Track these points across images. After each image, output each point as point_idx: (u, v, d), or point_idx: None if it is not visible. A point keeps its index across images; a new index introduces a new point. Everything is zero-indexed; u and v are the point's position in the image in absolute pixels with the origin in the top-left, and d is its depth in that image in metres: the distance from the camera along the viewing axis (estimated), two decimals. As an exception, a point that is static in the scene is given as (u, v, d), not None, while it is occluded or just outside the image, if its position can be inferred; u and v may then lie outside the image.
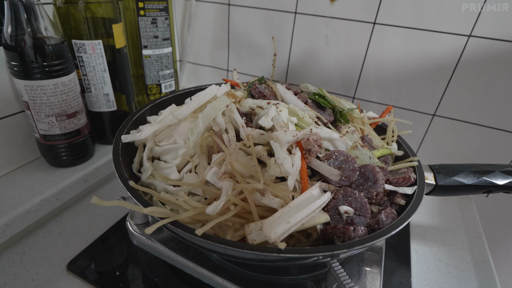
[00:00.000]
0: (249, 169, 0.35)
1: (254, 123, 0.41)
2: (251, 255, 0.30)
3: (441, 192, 0.44)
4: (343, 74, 0.70)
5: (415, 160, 0.44)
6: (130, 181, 0.35)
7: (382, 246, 0.46)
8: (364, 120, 0.50)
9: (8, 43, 0.45)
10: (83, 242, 0.50)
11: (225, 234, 0.34)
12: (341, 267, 0.35)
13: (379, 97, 0.69)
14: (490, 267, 0.51)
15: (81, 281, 0.44)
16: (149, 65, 0.70)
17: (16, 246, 0.49)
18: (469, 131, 0.64)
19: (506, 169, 0.44)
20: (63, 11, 0.53)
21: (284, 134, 0.35)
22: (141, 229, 0.43)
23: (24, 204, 0.49)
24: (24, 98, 0.50)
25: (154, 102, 0.52)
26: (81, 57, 0.56)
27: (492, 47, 0.56)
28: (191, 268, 0.40)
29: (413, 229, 0.58)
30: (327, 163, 0.37)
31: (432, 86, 0.63)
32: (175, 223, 0.31)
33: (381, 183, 0.37)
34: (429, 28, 0.59)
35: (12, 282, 0.43)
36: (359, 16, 0.63)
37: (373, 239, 0.31)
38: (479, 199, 0.69)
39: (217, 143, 0.37)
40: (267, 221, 0.30)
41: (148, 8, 0.65)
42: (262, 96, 0.46)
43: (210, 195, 0.36)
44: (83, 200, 0.59)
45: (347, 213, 0.34)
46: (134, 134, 0.43)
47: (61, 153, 0.56)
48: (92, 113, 0.62)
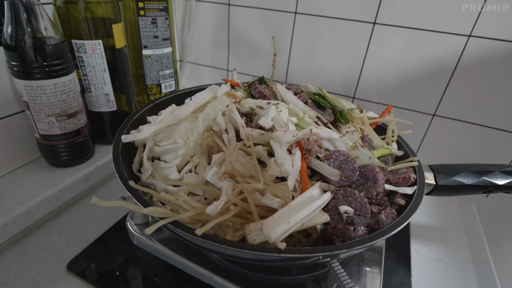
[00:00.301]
0: (249, 169, 0.35)
1: (254, 123, 0.41)
2: (251, 255, 0.30)
3: (441, 192, 0.44)
4: (343, 74, 0.70)
5: (415, 160, 0.44)
6: (130, 181, 0.35)
7: (382, 246, 0.46)
8: (364, 120, 0.50)
9: (8, 43, 0.45)
10: (83, 242, 0.50)
11: (225, 234, 0.34)
12: (341, 267, 0.35)
13: (379, 97, 0.69)
14: (490, 267, 0.51)
15: (81, 281, 0.44)
16: (149, 65, 0.70)
17: (16, 246, 0.49)
18: (469, 131, 0.64)
19: (506, 169, 0.44)
20: (63, 11, 0.53)
21: (284, 134, 0.35)
22: (141, 229, 0.43)
23: (24, 204, 0.49)
24: (24, 98, 0.50)
25: (154, 102, 0.52)
26: (81, 57, 0.56)
27: (492, 47, 0.56)
28: (191, 268, 0.40)
29: (413, 229, 0.58)
30: (327, 163, 0.37)
31: (432, 86, 0.63)
32: (175, 223, 0.31)
33: (381, 183, 0.37)
34: (429, 28, 0.59)
35: (12, 282, 0.43)
36: (359, 16, 0.63)
37: (373, 239, 0.31)
38: (479, 199, 0.69)
39: (217, 143, 0.37)
40: (267, 221, 0.30)
41: (148, 8, 0.65)
42: (262, 96, 0.46)
43: (210, 195, 0.36)
44: (83, 200, 0.59)
45: (347, 213, 0.34)
46: (134, 134, 0.43)
47: (61, 153, 0.56)
48: (92, 113, 0.62)
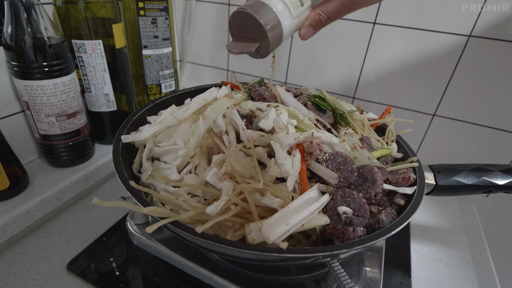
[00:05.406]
0: (249, 170, 0.35)
1: (254, 125, 0.41)
2: (251, 255, 0.30)
3: (441, 192, 0.44)
4: (343, 74, 0.70)
5: (415, 160, 0.44)
6: (130, 181, 0.35)
7: (382, 246, 0.46)
8: (364, 122, 0.50)
9: (8, 43, 0.45)
10: (83, 242, 0.50)
11: (225, 234, 0.34)
12: (341, 267, 0.35)
13: (379, 97, 0.69)
14: (490, 267, 0.51)
15: (81, 281, 0.44)
16: (149, 65, 0.70)
17: (16, 246, 0.49)
18: (469, 131, 0.64)
19: (506, 169, 0.44)
20: (63, 11, 0.53)
21: (286, 136, 0.35)
22: (141, 229, 0.43)
23: (24, 204, 0.49)
24: (24, 98, 0.50)
25: (154, 102, 0.52)
26: (81, 57, 0.56)
27: (492, 47, 0.56)
28: (191, 268, 0.40)
29: (413, 229, 0.58)
30: (325, 164, 0.37)
31: (432, 86, 0.63)
32: (175, 223, 0.31)
33: (379, 184, 0.37)
34: (429, 28, 0.59)
35: (12, 282, 0.43)
36: (359, 16, 0.63)
37: (373, 239, 0.31)
38: (479, 199, 0.69)
39: (217, 144, 0.37)
40: (266, 222, 0.30)
41: (148, 8, 0.65)
42: (262, 98, 0.46)
43: (210, 196, 0.36)
44: (83, 200, 0.59)
45: (346, 214, 0.34)
46: (134, 135, 0.43)
47: (61, 153, 0.56)
48: (92, 113, 0.62)
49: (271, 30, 0.36)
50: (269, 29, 0.36)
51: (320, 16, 0.38)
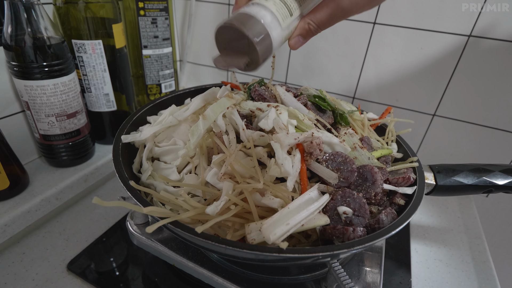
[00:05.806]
0: (249, 170, 0.35)
1: (254, 125, 0.41)
2: (251, 255, 0.30)
3: (441, 192, 0.44)
4: (343, 74, 0.70)
5: (415, 160, 0.44)
6: (130, 181, 0.35)
7: (382, 246, 0.46)
8: (364, 122, 0.50)
9: (8, 43, 0.45)
10: (83, 242, 0.50)
11: (225, 234, 0.34)
12: (341, 267, 0.35)
13: (379, 97, 0.69)
14: (490, 267, 0.51)
15: (81, 281, 0.44)
16: (149, 65, 0.70)
17: (16, 246, 0.49)
18: (469, 131, 0.64)
19: (506, 169, 0.44)
20: (63, 11, 0.53)
21: (286, 136, 0.35)
22: (141, 229, 0.43)
23: (24, 204, 0.49)
24: (24, 98, 0.50)
25: (154, 102, 0.52)
26: (81, 57, 0.56)
27: (492, 47, 0.56)
28: (191, 268, 0.40)
29: (413, 229, 0.58)
30: (325, 164, 0.37)
31: (432, 86, 0.63)
32: (175, 223, 0.31)
33: (379, 184, 0.37)
34: (429, 28, 0.59)
35: (12, 282, 0.43)
36: (359, 16, 0.63)
37: (373, 239, 0.31)
38: (479, 199, 0.69)
39: (217, 144, 0.37)
40: (266, 222, 0.30)
41: (148, 8, 0.65)
42: (262, 98, 0.46)
43: (210, 196, 0.36)
44: (83, 200, 0.59)
45: (346, 214, 0.34)
46: (134, 135, 0.43)
47: (61, 153, 0.56)
48: (92, 113, 0.62)
49: (260, 43, 0.34)
50: (258, 43, 0.33)
51: (309, 26, 0.36)
